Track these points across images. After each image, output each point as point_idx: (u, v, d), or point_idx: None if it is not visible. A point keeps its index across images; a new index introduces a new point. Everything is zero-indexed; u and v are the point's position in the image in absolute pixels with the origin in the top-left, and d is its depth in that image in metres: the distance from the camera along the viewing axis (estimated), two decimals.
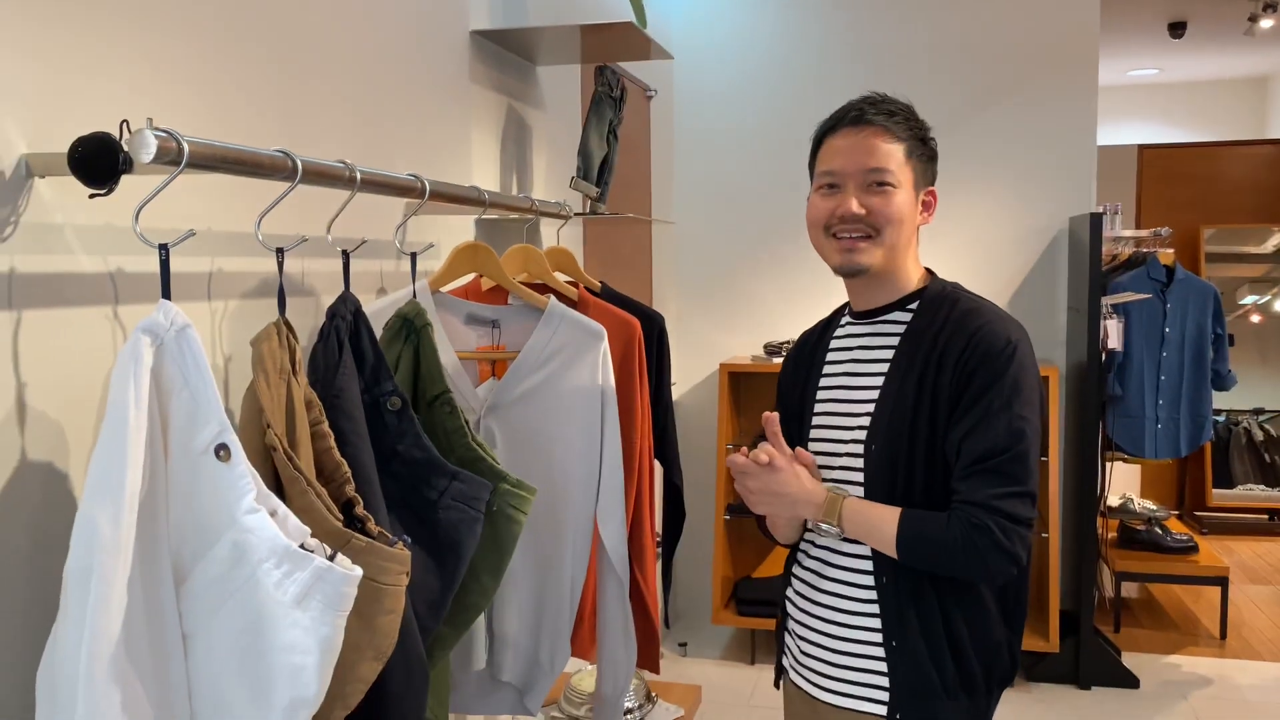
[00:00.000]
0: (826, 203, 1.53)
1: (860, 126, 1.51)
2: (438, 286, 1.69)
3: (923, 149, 1.54)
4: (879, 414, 1.51)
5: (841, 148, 1.52)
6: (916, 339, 1.51)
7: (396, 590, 1.09)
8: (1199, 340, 4.08)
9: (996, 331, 1.46)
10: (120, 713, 0.90)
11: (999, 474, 1.40)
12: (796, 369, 1.69)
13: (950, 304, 1.52)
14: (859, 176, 1.50)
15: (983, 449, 1.41)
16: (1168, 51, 6.05)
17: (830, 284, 1.66)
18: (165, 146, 0.93)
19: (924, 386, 1.47)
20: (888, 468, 1.48)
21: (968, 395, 1.44)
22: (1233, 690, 3.69)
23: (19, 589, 1.07)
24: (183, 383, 0.96)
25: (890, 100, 1.55)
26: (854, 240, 1.51)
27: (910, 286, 1.57)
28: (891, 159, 1.50)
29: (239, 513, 0.94)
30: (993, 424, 1.41)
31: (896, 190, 1.50)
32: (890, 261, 1.53)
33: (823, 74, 4.08)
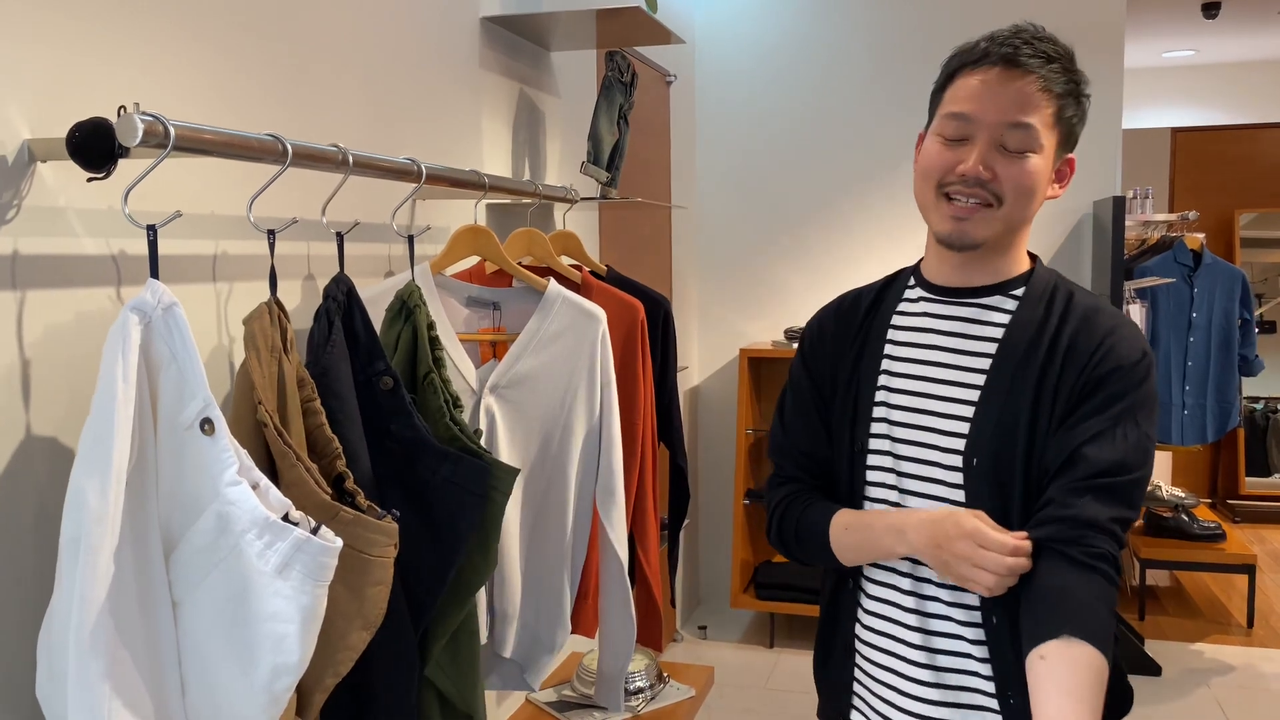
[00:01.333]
0: (947, 154, 1.25)
1: (1013, 69, 1.22)
2: (439, 269, 1.72)
3: (1075, 109, 1.26)
4: (983, 420, 1.25)
5: (982, 89, 1.23)
6: (1030, 333, 1.26)
7: (384, 562, 1.12)
8: (1226, 326, 4.03)
9: (1131, 340, 1.25)
10: (107, 677, 0.94)
11: (1118, 495, 1.19)
12: (838, 341, 1.39)
13: (1065, 296, 1.29)
14: (996, 130, 1.22)
15: (1108, 462, 1.19)
16: (1202, 32, 5.94)
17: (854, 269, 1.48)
18: (152, 130, 0.96)
19: (1043, 392, 1.23)
20: (993, 487, 1.23)
21: (1094, 400, 1.22)
22: (1257, 679, 3.64)
23: (26, 561, 1.12)
24: (170, 359, 0.99)
25: (1052, 40, 1.26)
26: (971, 207, 1.24)
27: (1017, 268, 1.32)
28: (1039, 116, 1.22)
29: (222, 485, 0.98)
30: (1123, 436, 1.20)
31: (1035, 155, 1.23)
32: (1006, 237, 1.28)
33: (844, 57, 4.06)
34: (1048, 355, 1.25)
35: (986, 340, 1.29)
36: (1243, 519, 5.62)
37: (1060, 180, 1.30)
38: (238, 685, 1.00)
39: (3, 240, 1.11)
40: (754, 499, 3.94)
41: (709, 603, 4.30)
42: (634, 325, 1.83)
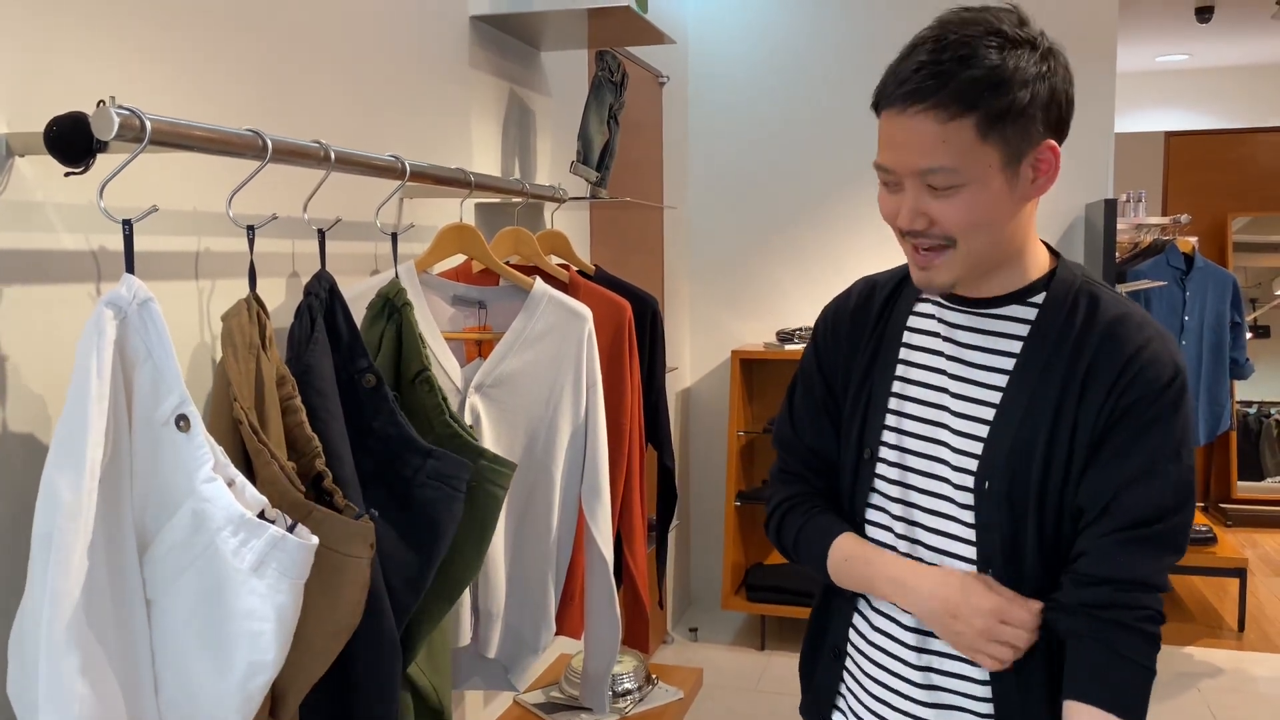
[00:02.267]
0: (889, 201, 1.17)
1: (908, 106, 1.09)
2: (424, 267, 1.71)
3: (1012, 103, 1.08)
4: (997, 441, 1.17)
5: (890, 137, 1.13)
6: (1048, 343, 1.17)
7: (360, 562, 1.11)
8: (1218, 329, 4.04)
9: (1161, 355, 1.13)
10: (79, 674, 0.93)
11: (1161, 542, 1.11)
12: (852, 340, 1.33)
13: (1089, 300, 1.18)
14: (914, 177, 1.12)
15: (1149, 509, 1.10)
16: (1196, 36, 5.95)
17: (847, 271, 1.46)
18: (127, 124, 0.95)
19: (1062, 412, 1.15)
20: (1006, 512, 1.16)
21: (1126, 432, 1.12)
22: (1247, 682, 3.64)
23: (1, 559, 1.10)
24: (146, 354, 0.98)
25: (969, 30, 1.11)
26: (927, 253, 1.15)
27: (1032, 273, 1.21)
28: (951, 148, 1.08)
29: (197, 482, 0.97)
30: (1162, 478, 1.11)
31: (964, 188, 1.10)
32: (988, 262, 1.17)
33: (836, 59, 4.06)
34: (1068, 372, 1.15)
35: (1003, 355, 1.20)
36: (1235, 523, 5.62)
37: (1042, 175, 1.14)
38: (212, 683, 0.99)
39: None
40: (745, 500, 3.94)
41: (700, 604, 4.30)
42: (621, 325, 1.83)
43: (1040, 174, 1.14)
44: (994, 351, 1.20)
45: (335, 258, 1.71)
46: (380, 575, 1.26)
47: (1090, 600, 1.11)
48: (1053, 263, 1.23)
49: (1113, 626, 1.10)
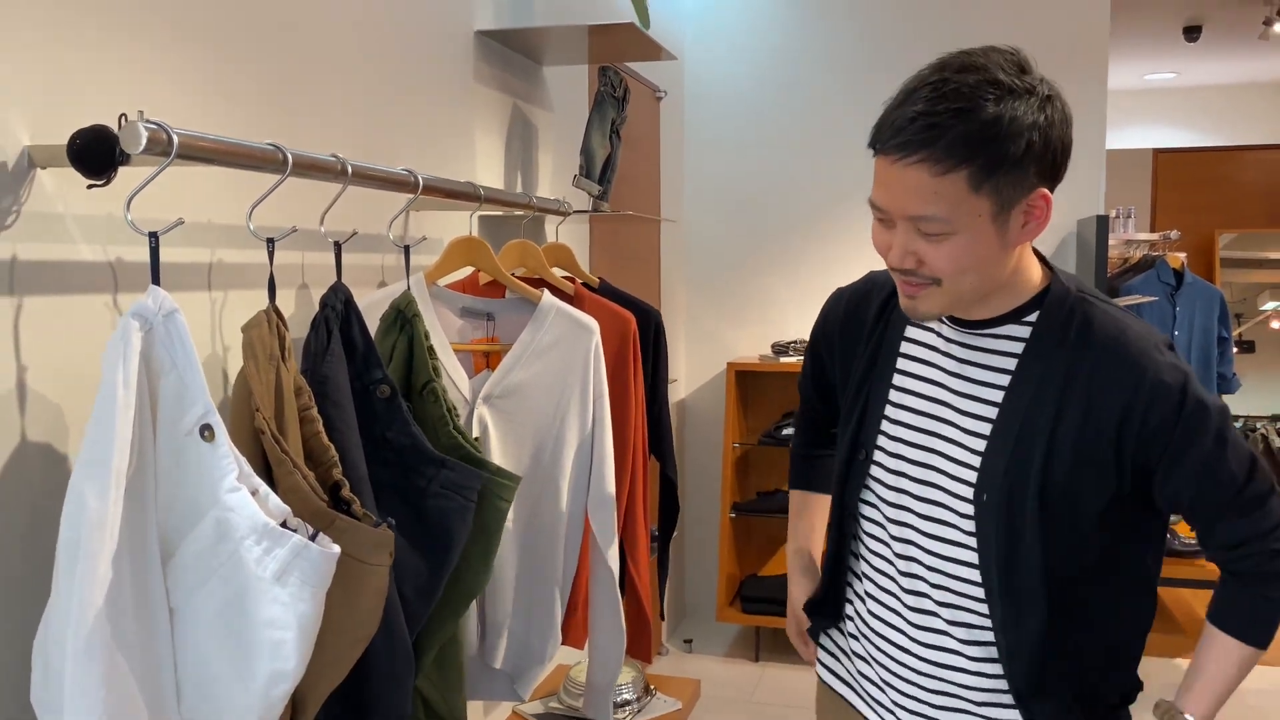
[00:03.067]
0: (882, 236, 1.21)
1: (904, 156, 1.12)
2: (434, 279, 1.73)
3: (1007, 155, 1.10)
4: (995, 455, 1.22)
5: (884, 180, 1.16)
6: (1044, 364, 1.22)
7: (380, 570, 1.12)
8: (1206, 344, 4.09)
9: (1166, 375, 1.17)
10: (104, 682, 0.94)
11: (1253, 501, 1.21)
12: (849, 336, 1.42)
13: (1082, 322, 1.22)
14: (905, 222, 1.16)
15: (1224, 496, 1.21)
16: (1184, 55, 6.03)
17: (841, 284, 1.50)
18: (155, 138, 0.97)
19: (1061, 430, 1.20)
20: (1003, 524, 1.22)
21: (1168, 454, 1.18)
22: (1238, 695, 3.66)
23: (17, 567, 1.11)
24: (171, 365, 1.00)
25: (967, 80, 1.11)
26: (915, 286, 1.20)
27: (1025, 294, 1.24)
28: (943, 200, 1.11)
29: (221, 491, 0.98)
30: (1217, 470, 1.19)
31: (954, 235, 1.13)
32: (971, 301, 1.22)
33: (831, 75, 4.10)
34: (1064, 391, 1.19)
35: (999, 371, 1.24)
36: None
37: (1033, 221, 1.16)
38: (234, 691, 1.00)
39: (2, 246, 1.11)
40: (741, 512, 3.95)
41: (694, 616, 4.30)
42: (626, 337, 1.84)
43: (1031, 220, 1.16)
44: (990, 369, 1.25)
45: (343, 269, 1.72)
46: (393, 584, 1.27)
47: (1229, 562, 1.25)
48: (1047, 278, 1.26)
49: (1241, 574, 1.24)
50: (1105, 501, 1.20)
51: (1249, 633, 1.24)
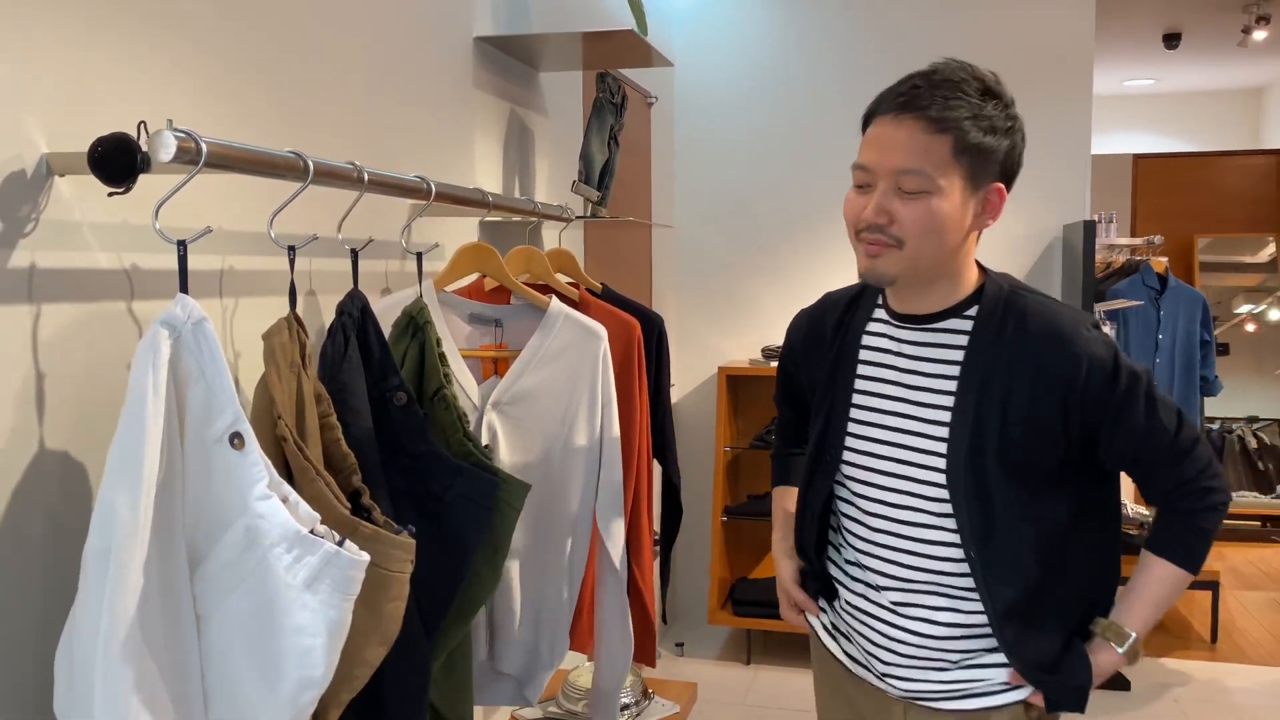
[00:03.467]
0: (857, 202, 1.34)
1: (901, 114, 1.28)
2: (442, 286, 1.73)
3: (982, 138, 1.28)
4: (957, 442, 1.36)
5: (875, 139, 1.31)
6: (988, 351, 1.36)
7: (402, 577, 1.12)
8: (1189, 347, 4.14)
9: (1097, 348, 1.35)
10: (134, 691, 0.94)
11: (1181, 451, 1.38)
12: (812, 347, 1.56)
13: (1018, 310, 1.37)
14: (890, 177, 1.29)
15: (1159, 445, 1.37)
16: (1163, 62, 6.11)
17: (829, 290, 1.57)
18: (185, 146, 0.97)
19: (1011, 408, 1.34)
20: (974, 495, 1.36)
21: (1109, 416, 1.35)
22: (1222, 694, 3.72)
23: (36, 574, 1.11)
24: (199, 373, 1.00)
25: (956, 76, 1.30)
26: (878, 248, 1.32)
27: (964, 291, 1.39)
28: (930, 156, 1.26)
29: (251, 499, 0.98)
30: (1152, 425, 1.36)
31: (932, 196, 1.28)
32: (925, 270, 1.35)
33: (820, 82, 4.13)
34: (1009, 373, 1.35)
35: (949, 363, 1.39)
36: None
37: (988, 212, 1.34)
38: (262, 699, 1.00)
39: (20, 253, 1.11)
40: (732, 515, 3.97)
41: (686, 619, 4.31)
42: (631, 343, 1.85)
43: (988, 209, 1.35)
44: (941, 361, 1.40)
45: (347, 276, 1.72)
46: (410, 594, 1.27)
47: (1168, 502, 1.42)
48: (982, 278, 1.42)
49: (1177, 510, 1.41)
50: (1058, 464, 1.37)
51: (1183, 558, 1.40)
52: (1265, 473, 5.96)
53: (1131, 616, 1.41)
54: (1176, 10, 5.09)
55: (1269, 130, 6.78)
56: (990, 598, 1.38)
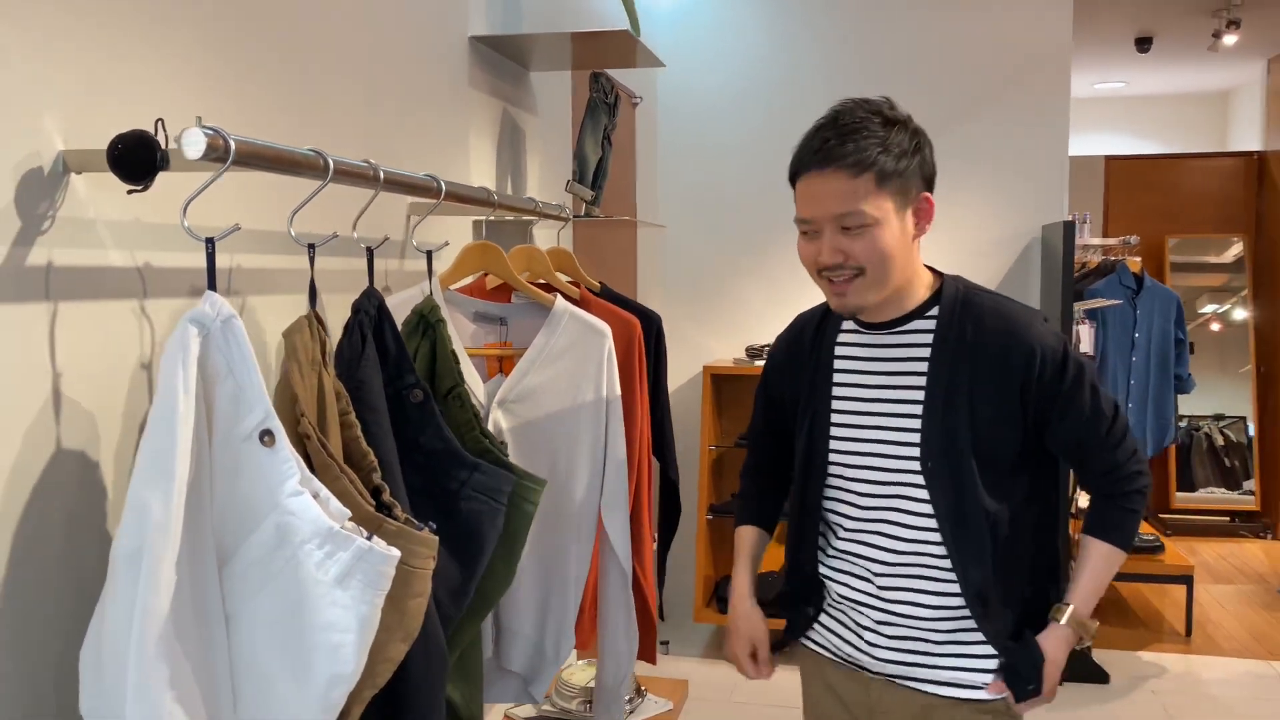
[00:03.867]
0: (809, 248, 1.51)
1: (824, 168, 1.45)
2: (447, 284, 1.73)
3: (897, 164, 1.44)
4: (930, 431, 1.51)
5: (809, 194, 1.48)
6: (952, 348, 1.51)
7: (424, 574, 1.13)
8: (1164, 345, 4.21)
9: (1045, 339, 1.51)
10: (168, 689, 0.94)
11: (1115, 440, 1.54)
12: (791, 363, 1.68)
13: (975, 309, 1.53)
14: (831, 222, 1.46)
15: (1099, 433, 1.53)
16: (1134, 65, 6.20)
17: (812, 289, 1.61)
18: (214, 143, 0.97)
19: (977, 395, 1.49)
20: (950, 480, 1.50)
21: (1057, 403, 1.50)
22: (1198, 685, 3.79)
23: (54, 573, 1.10)
24: (227, 371, 1.00)
25: (857, 117, 1.46)
26: (844, 283, 1.48)
27: (922, 294, 1.55)
28: (859, 197, 1.43)
29: (283, 496, 0.98)
30: (1096, 414, 1.52)
31: (872, 226, 1.44)
32: (888, 288, 1.50)
33: (803, 84, 4.16)
34: (973, 363, 1.50)
35: (917, 360, 1.54)
36: (1174, 532, 5.83)
37: (921, 218, 1.51)
38: (292, 696, 1.00)
39: (38, 251, 1.10)
40: (717, 514, 3.99)
41: (671, 617, 4.31)
42: (631, 341, 1.86)
43: (921, 219, 1.51)
44: (908, 359, 1.55)
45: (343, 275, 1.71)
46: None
47: (1097, 486, 1.57)
48: (937, 281, 1.58)
49: (1112, 495, 1.56)
50: (1018, 448, 1.52)
51: (1117, 537, 1.55)
52: (1232, 469, 6.07)
53: (1074, 595, 1.55)
54: (1149, 14, 5.17)
55: (1236, 133, 6.90)
56: (965, 577, 1.52)
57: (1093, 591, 1.55)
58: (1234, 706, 3.61)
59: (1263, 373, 6.04)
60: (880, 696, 1.60)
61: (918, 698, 1.57)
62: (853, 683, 1.64)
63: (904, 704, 1.58)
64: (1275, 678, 3.84)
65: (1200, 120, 7.12)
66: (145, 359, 1.24)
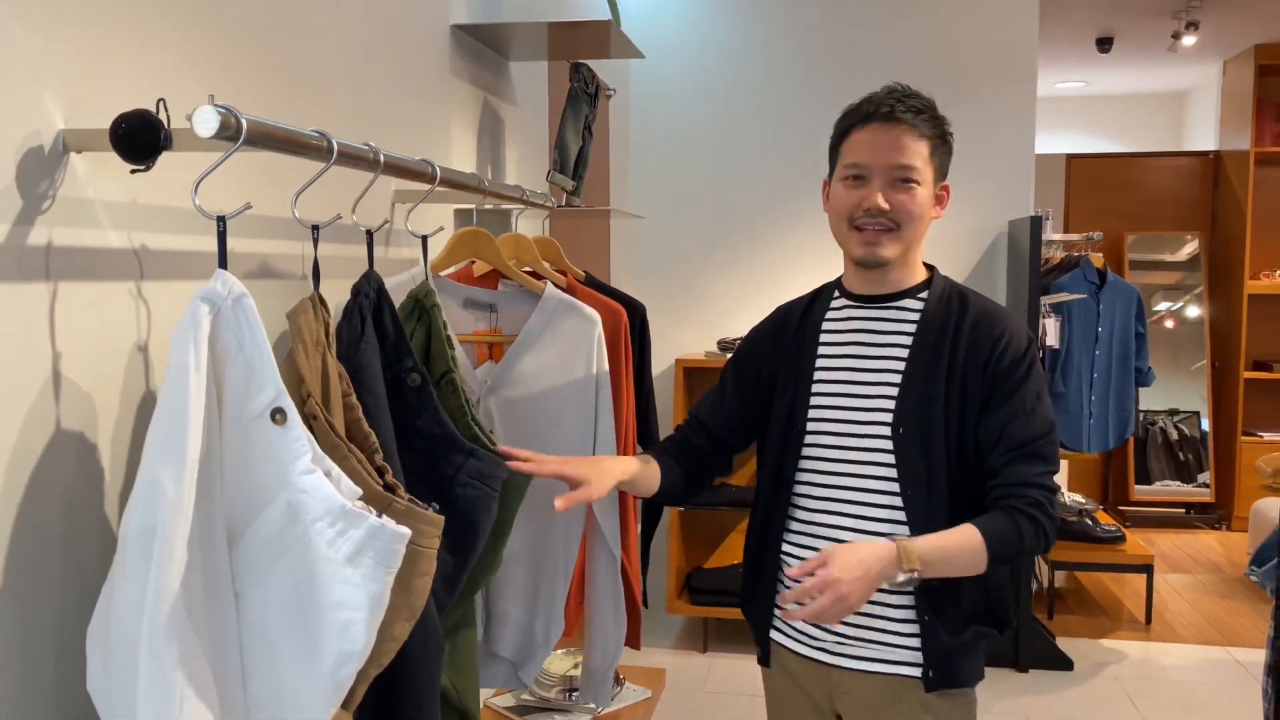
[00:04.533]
0: (852, 194, 1.58)
1: (891, 123, 1.55)
2: (437, 270, 1.73)
3: (943, 146, 1.60)
4: (906, 397, 1.58)
5: (870, 141, 1.56)
6: (936, 328, 1.59)
7: (430, 553, 1.14)
8: (1125, 339, 4.30)
9: (1020, 333, 1.60)
10: (179, 667, 0.94)
11: (1038, 456, 1.54)
12: (777, 343, 1.72)
13: (961, 298, 1.62)
14: (886, 172, 1.55)
15: (1025, 435, 1.54)
16: (1094, 65, 6.32)
17: (784, 283, 1.69)
18: (226, 122, 0.97)
19: (953, 373, 1.56)
20: (919, 449, 1.56)
21: (1002, 389, 1.55)
22: (1158, 670, 3.89)
23: (54, 555, 1.09)
24: (238, 349, 1.00)
25: (917, 95, 1.60)
26: (877, 233, 1.57)
27: (918, 277, 1.66)
28: (918, 156, 1.55)
29: (294, 474, 0.99)
30: (1030, 414, 1.55)
31: (920, 187, 1.56)
32: (906, 253, 1.61)
33: (773, 80, 4.20)
34: (954, 344, 1.58)
35: (902, 334, 1.62)
36: (1133, 523, 5.95)
37: (939, 204, 1.63)
38: (301, 674, 1.01)
39: (38, 231, 1.09)
40: (688, 506, 4.01)
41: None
42: (618, 329, 1.88)
43: (941, 202, 1.64)
44: (895, 333, 1.63)
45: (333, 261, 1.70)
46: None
47: (993, 499, 1.55)
48: (930, 271, 1.68)
49: (1010, 509, 1.52)
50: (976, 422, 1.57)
51: (993, 543, 1.49)
52: (1186, 463, 6.22)
53: (920, 541, 1.48)
54: (1111, 15, 5.27)
55: (1192, 133, 7.05)
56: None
57: (937, 550, 1.46)
58: (1192, 691, 3.70)
59: (1217, 368, 6.18)
60: (839, 679, 1.63)
61: (876, 679, 1.60)
62: (810, 673, 1.67)
63: (863, 685, 1.61)
64: (1231, 663, 3.94)
65: (1158, 120, 7.27)
66: (143, 341, 1.23)
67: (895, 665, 1.59)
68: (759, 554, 1.73)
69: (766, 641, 1.74)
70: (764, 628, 1.74)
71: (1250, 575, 2.46)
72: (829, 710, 1.68)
